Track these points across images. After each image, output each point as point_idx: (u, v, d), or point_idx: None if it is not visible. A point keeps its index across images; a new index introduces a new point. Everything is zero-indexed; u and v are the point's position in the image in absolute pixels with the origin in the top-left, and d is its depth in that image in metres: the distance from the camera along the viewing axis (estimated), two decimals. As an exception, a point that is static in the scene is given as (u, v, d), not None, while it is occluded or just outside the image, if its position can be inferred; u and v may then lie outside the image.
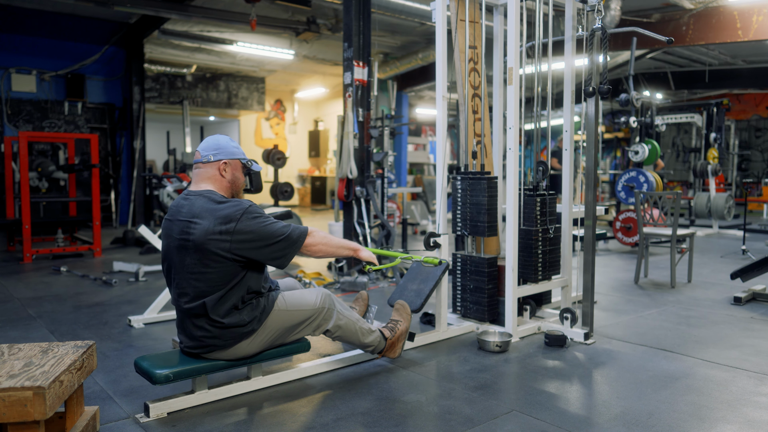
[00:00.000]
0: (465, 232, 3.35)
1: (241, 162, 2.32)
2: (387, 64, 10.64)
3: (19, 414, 1.57)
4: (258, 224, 2.17)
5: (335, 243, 2.37)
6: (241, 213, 2.15)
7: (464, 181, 3.32)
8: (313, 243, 2.28)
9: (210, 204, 2.17)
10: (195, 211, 2.17)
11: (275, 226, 2.21)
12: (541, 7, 3.43)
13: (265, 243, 2.17)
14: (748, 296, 4.08)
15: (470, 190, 3.29)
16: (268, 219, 2.21)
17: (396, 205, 8.30)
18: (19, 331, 3.37)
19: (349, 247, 2.43)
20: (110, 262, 5.71)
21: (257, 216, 2.18)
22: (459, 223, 3.38)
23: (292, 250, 2.24)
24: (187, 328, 2.24)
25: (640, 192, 4.94)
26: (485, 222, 3.24)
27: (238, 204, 2.18)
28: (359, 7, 5.08)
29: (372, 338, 2.59)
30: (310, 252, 2.29)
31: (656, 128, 7.78)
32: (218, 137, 2.31)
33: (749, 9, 7.40)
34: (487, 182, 3.22)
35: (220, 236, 2.12)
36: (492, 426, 2.11)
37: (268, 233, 2.18)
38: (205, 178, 2.27)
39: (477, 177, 3.26)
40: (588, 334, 3.14)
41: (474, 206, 3.28)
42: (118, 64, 9.82)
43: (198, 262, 2.15)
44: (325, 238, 2.32)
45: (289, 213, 6.23)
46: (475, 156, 3.35)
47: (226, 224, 2.12)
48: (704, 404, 2.31)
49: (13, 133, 8.71)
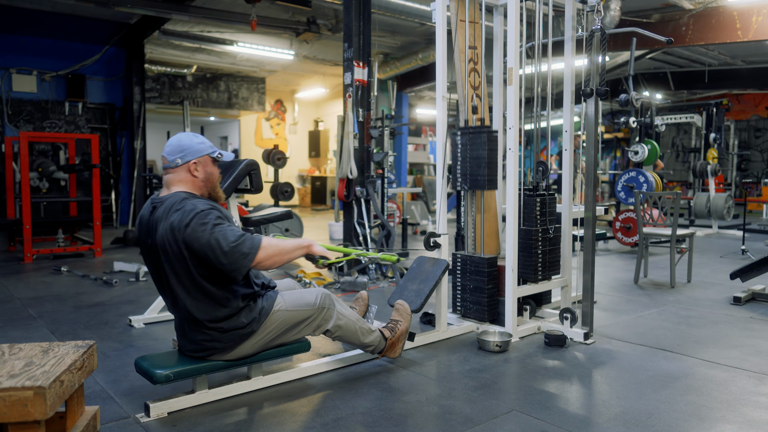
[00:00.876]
0: (465, 186, 3.31)
1: (210, 157, 2.25)
2: (387, 65, 10.64)
3: (19, 414, 1.57)
4: (205, 232, 2.01)
5: (288, 248, 2.19)
6: (190, 219, 2.02)
7: (464, 136, 3.29)
8: (267, 257, 2.10)
9: (166, 207, 2.10)
10: (156, 216, 2.12)
11: (226, 236, 2.02)
12: (541, 7, 3.43)
13: (213, 254, 2.02)
14: (748, 296, 4.09)
15: (470, 144, 3.25)
16: (219, 226, 2.04)
17: (396, 205, 8.30)
18: (20, 331, 3.37)
19: (301, 245, 2.26)
20: (111, 262, 5.71)
21: (206, 223, 2.02)
22: (459, 178, 3.33)
23: (242, 263, 2.05)
24: (186, 333, 2.24)
25: (640, 192, 4.95)
26: (485, 175, 3.20)
27: (192, 207, 2.05)
28: (359, 8, 5.09)
29: (372, 338, 2.59)
30: (265, 267, 2.12)
31: (656, 128, 7.79)
32: (180, 137, 2.22)
33: (749, 9, 7.41)
34: (488, 135, 3.19)
35: (174, 244, 2.05)
36: (492, 426, 2.11)
37: (216, 242, 2.01)
38: (176, 182, 2.20)
39: (477, 130, 3.23)
40: (588, 334, 3.14)
41: (474, 160, 3.24)
42: (119, 65, 9.83)
43: (170, 270, 2.12)
44: (276, 247, 2.14)
45: (289, 213, 6.24)
46: (475, 110, 3.31)
47: (175, 231, 2.04)
48: (704, 404, 2.31)
49: (14, 134, 8.72)
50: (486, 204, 3.47)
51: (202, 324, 2.17)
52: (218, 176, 2.30)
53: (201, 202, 2.11)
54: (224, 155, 2.30)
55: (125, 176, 9.90)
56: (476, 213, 3.43)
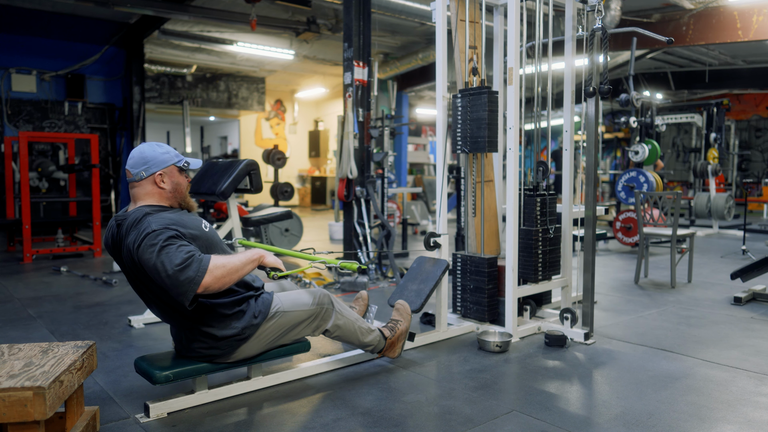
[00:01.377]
0: (465, 149, 3.26)
1: (176, 167, 2.18)
2: (387, 64, 10.64)
3: (19, 414, 1.57)
4: (152, 254, 1.93)
5: (237, 266, 2.05)
6: (141, 240, 1.96)
7: (464, 98, 3.25)
8: (214, 280, 1.96)
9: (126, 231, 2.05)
10: (120, 236, 2.08)
11: (171, 259, 1.92)
12: (541, 7, 3.43)
13: (159, 277, 1.94)
14: (748, 296, 4.08)
15: (470, 106, 3.21)
16: (167, 248, 1.93)
17: (396, 205, 8.30)
18: (20, 331, 3.37)
19: (251, 259, 2.12)
20: (110, 262, 5.70)
21: (153, 244, 1.94)
22: (459, 141, 3.30)
23: (186, 288, 1.93)
24: (182, 340, 2.23)
25: (640, 192, 4.94)
26: (485, 137, 3.15)
27: (146, 226, 1.98)
28: (359, 7, 5.08)
29: (371, 338, 2.59)
30: (213, 290, 1.99)
31: (656, 128, 7.78)
32: (142, 149, 2.15)
33: (749, 9, 7.41)
34: (488, 96, 3.15)
35: (134, 264, 2.02)
36: (492, 426, 2.11)
37: (161, 265, 1.92)
38: (142, 196, 2.14)
39: (477, 91, 3.20)
40: (588, 334, 3.14)
41: (474, 122, 3.20)
42: (119, 65, 9.83)
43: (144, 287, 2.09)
44: (225, 266, 2.00)
45: (289, 213, 6.23)
46: (475, 72, 3.28)
47: (130, 251, 2.00)
48: (704, 404, 2.31)
49: (14, 133, 8.72)
50: (486, 204, 3.46)
51: (197, 331, 2.16)
52: (187, 185, 2.23)
53: (156, 221, 2.01)
54: (191, 163, 2.23)
55: (125, 176, 9.89)
56: (476, 182, 3.39)
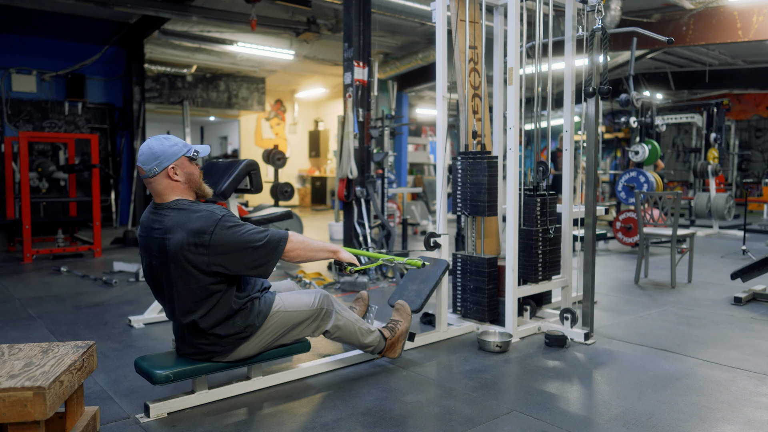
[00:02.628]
0: (465, 212, 3.31)
1: (186, 157, 2.19)
2: (387, 65, 10.64)
3: (19, 414, 1.56)
4: (234, 234, 2.08)
5: (314, 246, 2.26)
6: (215, 224, 2.06)
7: (464, 161, 3.29)
8: (292, 249, 2.19)
9: (180, 215, 2.09)
10: (167, 224, 2.08)
11: (253, 234, 2.11)
12: (541, 7, 3.43)
13: (245, 253, 2.09)
14: (749, 296, 4.08)
15: (470, 170, 3.25)
16: (244, 227, 2.12)
17: (396, 205, 8.30)
18: (20, 331, 3.37)
19: (328, 249, 2.32)
20: (110, 262, 5.71)
21: (232, 225, 2.09)
22: (459, 203, 3.34)
23: (273, 256, 2.14)
24: (184, 337, 2.23)
25: (641, 192, 4.94)
26: (485, 201, 3.20)
27: (210, 214, 2.09)
28: (359, 8, 5.08)
29: (371, 338, 2.59)
30: (289, 258, 2.19)
31: (656, 128, 7.78)
32: (151, 144, 2.15)
33: (749, 9, 7.40)
34: (488, 162, 3.19)
35: (197, 249, 2.05)
36: (492, 426, 2.11)
37: (246, 242, 2.09)
38: (162, 190, 2.15)
39: (477, 157, 3.23)
40: (588, 335, 3.14)
41: (474, 186, 3.24)
42: (119, 65, 9.83)
43: (180, 278, 2.10)
44: (302, 242, 2.23)
45: (289, 213, 6.23)
46: (475, 135, 3.31)
47: (200, 237, 2.04)
48: (704, 404, 2.31)
49: (14, 134, 8.71)
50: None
51: (201, 329, 2.17)
52: (199, 173, 2.26)
53: (213, 208, 2.14)
54: (200, 151, 2.26)
55: (125, 176, 9.90)
56: (476, 238, 3.43)
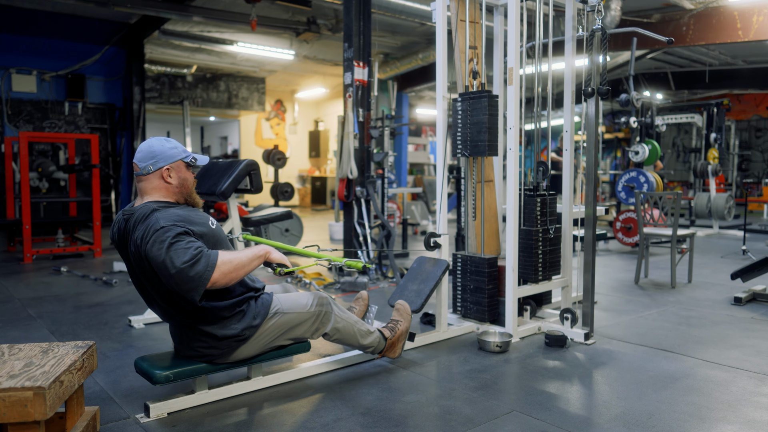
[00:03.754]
0: (465, 153, 3.27)
1: (183, 162, 2.18)
2: (387, 65, 10.64)
3: (19, 414, 1.57)
4: (160, 249, 1.92)
5: (244, 260, 2.08)
6: (151, 236, 1.95)
7: (464, 102, 3.25)
8: (221, 276, 1.98)
9: (134, 219, 2.04)
10: (129, 227, 2.06)
11: (180, 255, 1.92)
12: (541, 7, 3.43)
13: (167, 272, 1.93)
14: (749, 296, 4.08)
15: (470, 109, 3.22)
16: (176, 244, 1.93)
17: (396, 205, 8.30)
18: (20, 332, 3.37)
19: (258, 255, 2.15)
20: (110, 262, 5.71)
21: (163, 240, 1.93)
22: (459, 145, 3.30)
23: (196, 284, 1.94)
24: (182, 339, 2.23)
25: (641, 192, 4.94)
26: (486, 141, 3.16)
27: (154, 222, 1.98)
28: (359, 8, 5.08)
29: (371, 340, 2.59)
30: (221, 286, 2.01)
31: (656, 128, 7.78)
32: (151, 143, 2.14)
33: (749, 9, 7.40)
34: (488, 99, 3.15)
35: (142, 260, 2.01)
36: (492, 426, 2.11)
37: (169, 260, 1.91)
38: (149, 190, 2.14)
39: (477, 95, 3.20)
40: (588, 335, 3.14)
41: (474, 125, 3.20)
42: (119, 65, 9.83)
43: (155, 281, 2.06)
44: (232, 262, 2.02)
45: (289, 213, 6.23)
46: (475, 75, 3.28)
47: (139, 246, 1.99)
48: (704, 404, 2.31)
49: (14, 134, 8.72)
50: (486, 204, 3.46)
51: (197, 330, 2.16)
52: (193, 181, 2.24)
53: (165, 217, 2.01)
54: (198, 159, 2.23)
55: (125, 176, 9.90)
56: (477, 182, 3.39)
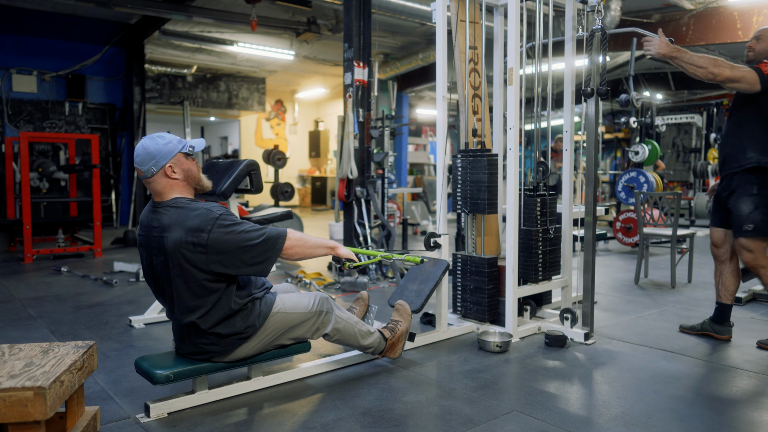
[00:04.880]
0: (465, 210, 3.31)
1: (182, 153, 2.19)
2: (387, 65, 10.64)
3: (19, 414, 1.57)
4: (231, 232, 2.07)
5: (312, 243, 2.28)
6: (212, 223, 2.05)
7: (464, 159, 3.28)
8: (291, 246, 2.19)
9: (178, 213, 2.09)
10: (164, 222, 2.09)
11: (251, 233, 2.10)
12: (541, 7, 3.43)
13: (243, 251, 2.08)
14: (749, 296, 4.08)
15: (470, 168, 3.25)
16: (241, 225, 2.11)
17: (396, 205, 8.30)
18: (20, 332, 3.37)
19: (327, 245, 2.34)
20: (111, 262, 5.71)
21: (229, 224, 2.08)
22: (459, 201, 3.34)
23: (272, 253, 2.14)
24: (184, 337, 2.24)
25: (641, 192, 4.95)
26: (485, 199, 3.20)
27: (207, 212, 2.08)
28: (359, 8, 5.09)
29: (371, 340, 2.59)
30: (288, 256, 2.20)
31: (656, 129, 7.78)
32: (145, 144, 2.14)
33: (749, 9, 7.40)
34: (488, 160, 3.19)
35: (194, 248, 2.05)
36: (492, 426, 2.11)
37: (244, 240, 2.08)
38: (160, 189, 2.16)
39: (477, 155, 3.23)
40: (588, 335, 3.14)
41: (474, 184, 3.24)
42: (119, 65, 9.83)
43: (179, 277, 2.09)
44: (301, 239, 2.23)
45: (289, 213, 6.23)
46: (475, 133, 3.31)
47: (197, 235, 2.04)
48: (704, 404, 2.31)
49: (14, 134, 8.72)
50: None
51: (202, 329, 2.17)
52: (197, 167, 2.25)
53: (211, 206, 2.12)
54: (196, 146, 2.24)
55: (125, 176, 9.90)
56: (476, 236, 3.43)
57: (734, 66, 2.83)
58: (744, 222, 2.94)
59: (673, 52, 2.85)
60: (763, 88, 2.83)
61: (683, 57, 2.84)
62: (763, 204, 2.90)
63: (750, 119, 2.96)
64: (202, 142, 2.29)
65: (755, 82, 2.82)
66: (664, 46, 2.86)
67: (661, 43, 2.86)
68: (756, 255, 2.97)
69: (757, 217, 2.90)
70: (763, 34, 2.96)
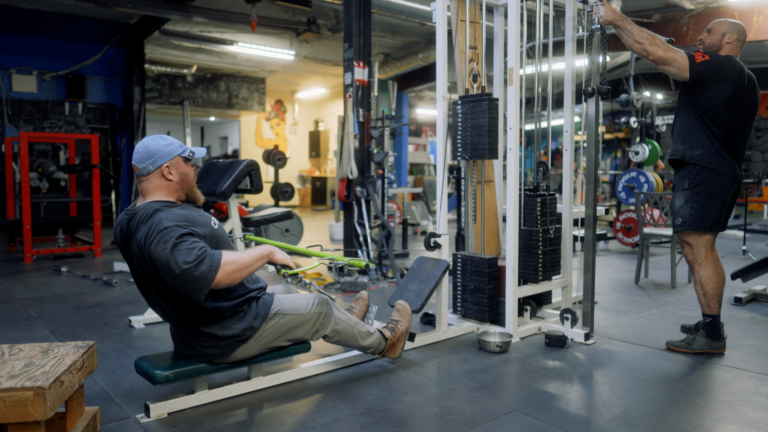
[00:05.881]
0: (465, 156, 3.27)
1: (181, 157, 2.20)
2: (387, 65, 10.65)
3: (19, 414, 1.57)
4: (162, 252, 1.93)
5: (248, 262, 2.09)
6: (153, 237, 1.96)
7: (464, 105, 3.25)
8: (225, 276, 2.00)
9: (136, 226, 2.05)
10: (131, 227, 2.07)
11: (182, 255, 1.93)
12: (541, 7, 3.43)
13: (170, 274, 1.95)
14: (749, 297, 4.08)
15: (471, 112, 3.22)
16: (178, 245, 1.94)
17: (396, 205, 8.30)
18: (20, 332, 3.37)
19: (262, 255, 2.16)
20: (111, 262, 5.71)
21: (166, 241, 1.94)
22: (459, 148, 3.30)
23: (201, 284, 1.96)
24: (182, 339, 2.23)
25: (641, 192, 4.94)
26: (486, 144, 3.16)
27: (157, 223, 1.99)
28: (359, 8, 5.09)
29: (371, 341, 2.58)
30: (224, 286, 2.03)
31: (656, 128, 7.78)
32: (146, 143, 2.15)
33: (749, 9, 7.40)
34: (488, 103, 3.15)
35: (145, 261, 2.03)
36: (492, 426, 2.11)
37: (173, 263, 1.92)
38: (150, 190, 2.16)
39: (477, 98, 3.20)
40: (588, 335, 3.14)
41: (474, 129, 3.20)
42: (119, 65, 9.83)
43: (158, 280, 2.06)
44: (236, 263, 2.04)
45: (289, 213, 6.23)
46: (475, 79, 3.29)
47: (143, 248, 2.00)
48: (704, 404, 2.31)
49: (14, 134, 8.72)
50: (486, 204, 3.46)
51: (197, 331, 2.17)
52: (193, 175, 2.25)
53: (168, 217, 2.02)
54: (196, 153, 2.24)
55: (125, 176, 9.90)
56: (477, 183, 3.39)
57: (669, 48, 2.80)
58: (675, 216, 2.98)
59: (618, 20, 2.86)
60: (692, 77, 2.80)
61: (626, 26, 2.84)
62: (693, 199, 2.90)
63: (684, 111, 2.99)
64: (203, 150, 2.30)
65: (684, 68, 2.78)
66: (610, 13, 2.88)
67: (607, 10, 2.89)
68: (693, 249, 2.96)
69: (685, 211, 2.91)
70: (714, 27, 2.94)
